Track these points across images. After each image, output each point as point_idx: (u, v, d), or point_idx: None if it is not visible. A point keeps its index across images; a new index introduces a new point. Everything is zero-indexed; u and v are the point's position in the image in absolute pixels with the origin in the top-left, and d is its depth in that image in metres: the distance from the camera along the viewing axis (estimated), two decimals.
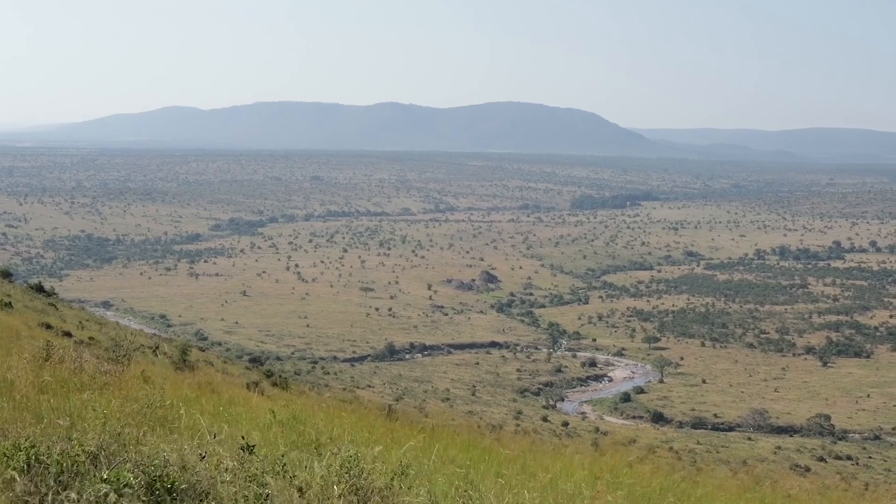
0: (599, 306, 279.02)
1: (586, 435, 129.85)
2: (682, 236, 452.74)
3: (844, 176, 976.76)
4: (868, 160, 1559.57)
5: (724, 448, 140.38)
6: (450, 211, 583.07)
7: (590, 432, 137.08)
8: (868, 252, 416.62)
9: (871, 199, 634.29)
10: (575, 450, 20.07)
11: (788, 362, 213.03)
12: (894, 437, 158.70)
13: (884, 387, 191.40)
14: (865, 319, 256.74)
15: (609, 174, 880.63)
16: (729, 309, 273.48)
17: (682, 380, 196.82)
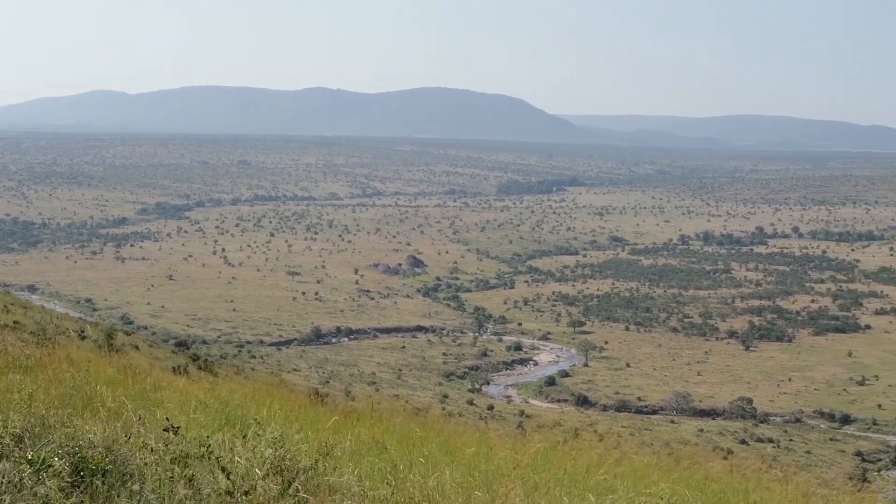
0: (525, 291, 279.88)
1: (511, 418, 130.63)
2: (607, 221, 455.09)
3: (767, 162, 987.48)
4: (791, 147, 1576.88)
5: (647, 431, 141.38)
6: (377, 196, 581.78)
7: (515, 415, 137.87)
8: (790, 238, 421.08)
9: (793, 186, 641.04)
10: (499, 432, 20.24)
11: (711, 346, 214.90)
12: (815, 421, 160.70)
13: (805, 370, 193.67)
14: (787, 304, 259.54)
15: (535, 160, 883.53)
16: (653, 293, 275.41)
17: (607, 363, 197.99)
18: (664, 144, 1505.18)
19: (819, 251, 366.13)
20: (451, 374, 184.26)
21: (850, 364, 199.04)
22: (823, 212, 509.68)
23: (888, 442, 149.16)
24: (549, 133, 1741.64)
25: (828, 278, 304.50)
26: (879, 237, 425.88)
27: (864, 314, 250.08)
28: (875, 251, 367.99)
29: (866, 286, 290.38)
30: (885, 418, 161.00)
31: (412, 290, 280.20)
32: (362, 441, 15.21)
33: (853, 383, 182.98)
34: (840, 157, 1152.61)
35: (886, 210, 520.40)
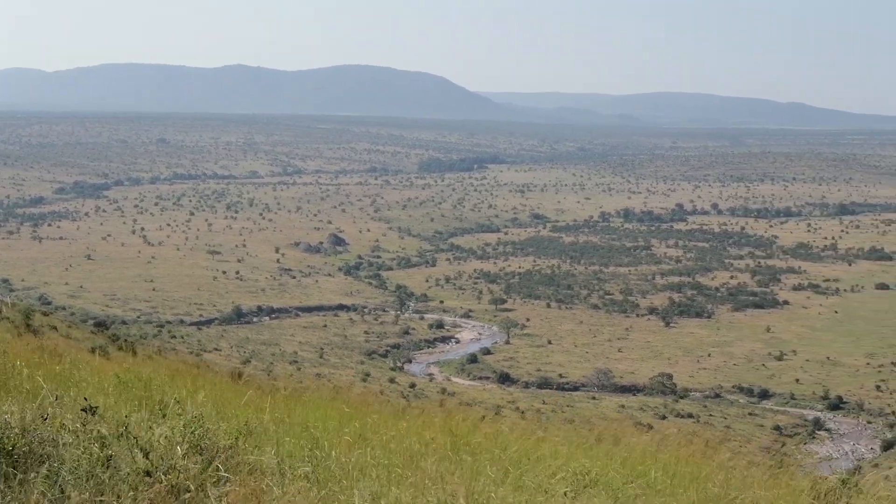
0: (447, 268, 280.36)
1: (433, 396, 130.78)
2: (528, 199, 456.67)
3: (687, 140, 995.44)
4: (710, 124, 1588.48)
5: (569, 407, 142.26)
6: (298, 174, 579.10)
7: (437, 393, 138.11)
8: (710, 214, 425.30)
9: (712, 163, 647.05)
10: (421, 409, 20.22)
11: (632, 323, 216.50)
12: (734, 395, 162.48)
13: (724, 346, 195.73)
14: (707, 280, 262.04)
15: (457, 137, 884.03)
16: (574, 271, 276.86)
17: (528, 341, 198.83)
18: (585, 122, 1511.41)
19: (738, 228, 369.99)
20: (373, 353, 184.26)
21: (768, 339, 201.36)
22: (742, 188, 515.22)
23: (805, 416, 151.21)
24: (470, 110, 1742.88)
25: (746, 254, 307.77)
26: (797, 213, 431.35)
27: (782, 290, 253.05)
28: (793, 227, 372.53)
29: (784, 262, 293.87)
30: (802, 393, 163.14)
31: (333, 268, 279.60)
32: (283, 420, 15.13)
33: (771, 358, 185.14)
34: (758, 134, 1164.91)
35: (804, 186, 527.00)
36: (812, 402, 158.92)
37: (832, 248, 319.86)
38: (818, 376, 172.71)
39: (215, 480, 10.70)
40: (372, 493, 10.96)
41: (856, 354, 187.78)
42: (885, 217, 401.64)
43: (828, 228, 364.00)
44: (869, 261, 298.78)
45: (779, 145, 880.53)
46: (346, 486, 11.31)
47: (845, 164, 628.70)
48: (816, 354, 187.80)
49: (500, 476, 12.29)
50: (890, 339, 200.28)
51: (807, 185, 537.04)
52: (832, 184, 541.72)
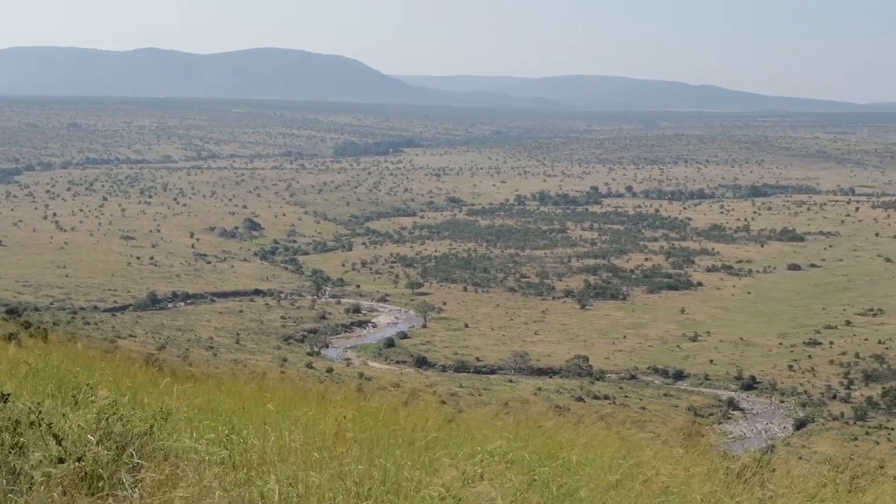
0: (363, 252, 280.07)
1: (351, 380, 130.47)
2: (444, 182, 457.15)
3: (602, 122, 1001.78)
4: (624, 107, 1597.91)
5: (486, 391, 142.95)
6: (212, 158, 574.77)
7: (354, 378, 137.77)
8: (624, 197, 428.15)
9: (627, 145, 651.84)
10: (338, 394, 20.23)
11: (548, 305, 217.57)
12: (649, 377, 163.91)
13: (639, 328, 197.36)
14: (622, 263, 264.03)
15: (372, 121, 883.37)
16: (490, 254, 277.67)
17: (445, 324, 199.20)
18: (500, 105, 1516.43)
19: (652, 210, 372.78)
20: (290, 338, 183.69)
21: (682, 321, 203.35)
22: (656, 171, 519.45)
23: (720, 396, 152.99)
24: (386, 94, 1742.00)
25: (661, 236, 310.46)
26: (710, 195, 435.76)
27: (696, 271, 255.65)
28: (706, 209, 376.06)
29: (698, 244, 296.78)
30: (716, 373, 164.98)
31: (249, 253, 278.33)
32: (199, 406, 15.07)
33: (686, 339, 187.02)
34: (672, 116, 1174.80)
35: (717, 169, 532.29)
36: (726, 383, 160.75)
37: (745, 230, 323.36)
38: (732, 357, 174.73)
39: (130, 467, 10.62)
40: (289, 478, 10.95)
41: (768, 335, 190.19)
42: (797, 198, 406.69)
43: (740, 210, 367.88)
44: (781, 242, 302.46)
45: (692, 128, 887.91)
46: (263, 470, 11.28)
47: (757, 147, 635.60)
48: (730, 335, 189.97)
49: (417, 458, 12.32)
50: (801, 319, 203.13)
51: (720, 167, 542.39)
52: (745, 166, 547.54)
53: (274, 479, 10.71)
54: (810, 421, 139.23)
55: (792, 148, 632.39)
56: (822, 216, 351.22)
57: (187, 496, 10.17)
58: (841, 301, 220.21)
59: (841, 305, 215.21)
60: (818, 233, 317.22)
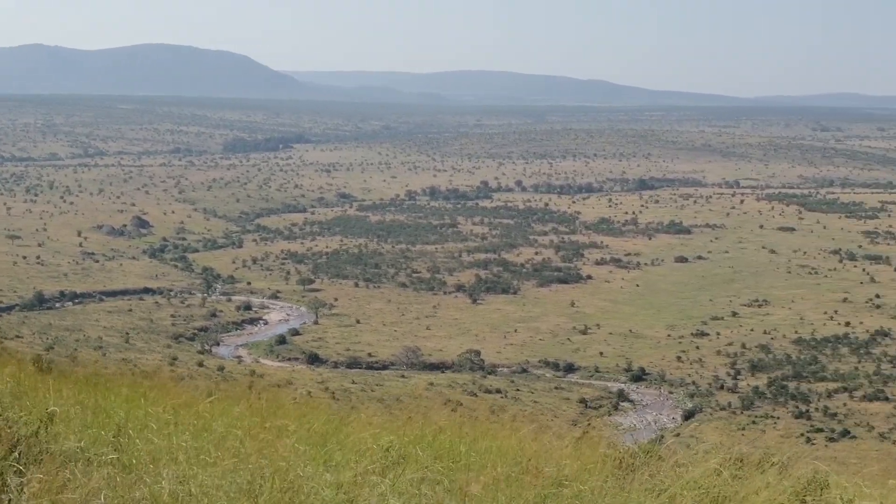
0: (254, 249, 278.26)
1: (242, 378, 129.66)
2: (334, 178, 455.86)
3: (491, 117, 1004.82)
4: (513, 102, 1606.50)
5: (378, 386, 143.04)
6: (99, 156, 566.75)
7: (246, 375, 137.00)
8: (514, 191, 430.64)
9: (516, 140, 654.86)
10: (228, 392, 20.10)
11: (440, 300, 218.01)
12: (541, 370, 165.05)
13: (530, 321, 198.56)
14: (512, 257, 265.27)
15: (261, 117, 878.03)
16: (381, 249, 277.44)
17: (337, 321, 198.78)
18: (389, 100, 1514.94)
19: (542, 204, 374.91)
20: (181, 336, 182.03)
21: (572, 314, 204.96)
22: (545, 165, 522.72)
23: (610, 388, 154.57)
24: (274, 90, 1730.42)
25: (550, 230, 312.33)
26: (598, 189, 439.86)
27: (585, 265, 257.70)
28: (595, 203, 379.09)
29: (587, 237, 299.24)
30: (606, 365, 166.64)
31: (138, 251, 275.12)
32: (88, 406, 14.90)
33: (576, 332, 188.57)
34: (560, 111, 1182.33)
35: (605, 162, 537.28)
36: (616, 375, 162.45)
37: (633, 223, 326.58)
38: (621, 349, 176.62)
39: (16, 470, 10.48)
40: (178, 477, 10.87)
41: (657, 326, 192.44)
42: (683, 191, 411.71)
43: (628, 203, 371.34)
44: (668, 234, 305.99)
45: (580, 122, 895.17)
46: (152, 470, 11.19)
47: (644, 140, 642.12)
48: (619, 327, 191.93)
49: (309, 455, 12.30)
50: (689, 310, 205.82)
51: (607, 160, 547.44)
52: (632, 159, 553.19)
53: (164, 478, 10.63)
54: (699, 411, 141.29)
55: (678, 142, 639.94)
56: (707, 209, 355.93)
57: (75, 498, 10.06)
58: (727, 292, 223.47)
59: (727, 297, 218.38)
60: (704, 225, 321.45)
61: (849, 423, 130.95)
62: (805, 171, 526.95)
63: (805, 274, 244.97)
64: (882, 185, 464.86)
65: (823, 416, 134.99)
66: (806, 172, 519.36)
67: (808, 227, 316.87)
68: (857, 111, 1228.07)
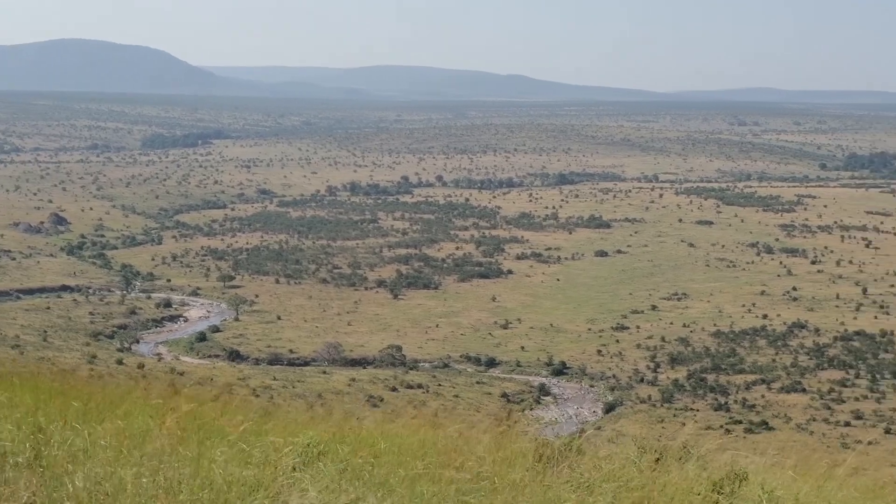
0: (173, 246, 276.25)
1: (163, 376, 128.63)
2: (254, 174, 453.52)
3: (411, 112, 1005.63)
4: (433, 97, 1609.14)
5: (300, 382, 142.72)
6: (15, 152, 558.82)
7: (166, 373, 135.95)
8: (435, 186, 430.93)
9: (436, 135, 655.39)
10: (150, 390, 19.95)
11: (361, 296, 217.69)
12: (462, 365, 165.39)
13: (451, 316, 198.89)
14: (433, 252, 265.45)
15: (180, 112, 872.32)
16: (302, 245, 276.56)
17: (258, 317, 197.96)
18: (309, 96, 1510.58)
19: (462, 199, 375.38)
20: (100, 334, 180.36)
21: (494, 308, 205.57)
22: (465, 160, 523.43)
23: (531, 382, 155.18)
24: (193, 85, 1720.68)
25: (471, 225, 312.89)
26: (519, 184, 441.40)
27: (506, 259, 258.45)
28: (515, 197, 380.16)
29: (507, 232, 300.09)
30: (527, 359, 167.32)
31: (56, 248, 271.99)
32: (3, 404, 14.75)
33: (497, 327, 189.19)
34: (480, 106, 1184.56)
35: (525, 157, 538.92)
36: (537, 369, 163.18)
37: (553, 218, 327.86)
38: (542, 343, 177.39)
39: None
40: (97, 476, 10.79)
41: (577, 321, 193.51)
42: (603, 186, 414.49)
43: (548, 198, 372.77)
44: (588, 229, 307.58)
45: (500, 117, 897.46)
46: (70, 470, 11.10)
47: (564, 135, 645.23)
48: (540, 322, 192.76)
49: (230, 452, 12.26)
50: (609, 304, 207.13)
51: (528, 155, 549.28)
52: (552, 154, 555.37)
53: (81, 477, 10.55)
54: (619, 404, 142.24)
55: (597, 136, 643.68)
56: (627, 203, 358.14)
57: None
58: (646, 286, 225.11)
59: (647, 290, 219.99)
60: (624, 219, 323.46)
61: (767, 415, 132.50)
62: (723, 165, 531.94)
63: (723, 267, 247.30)
64: (798, 178, 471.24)
65: (742, 408, 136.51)
66: (724, 166, 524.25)
67: (726, 220, 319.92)
68: (774, 106, 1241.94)
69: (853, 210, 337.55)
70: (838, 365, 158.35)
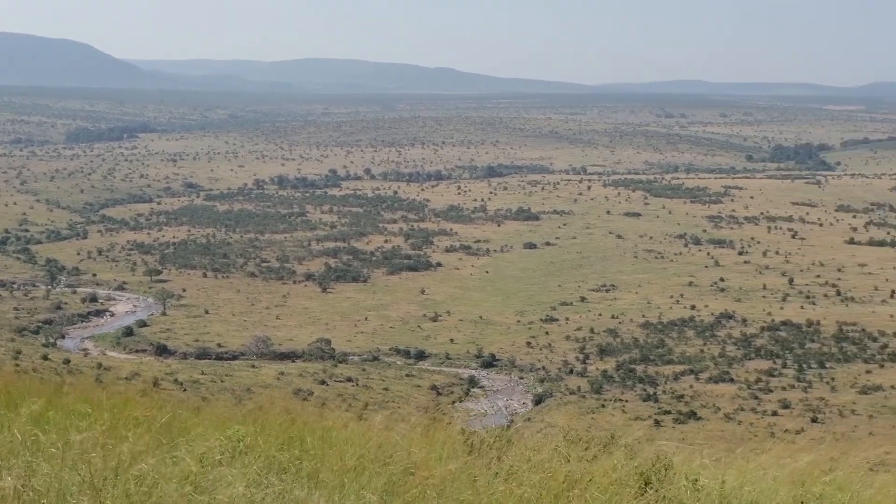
0: (99, 240, 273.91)
1: (89, 371, 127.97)
2: (181, 168, 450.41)
3: (339, 105, 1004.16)
4: (361, 90, 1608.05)
5: (228, 377, 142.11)
6: None
7: (93, 368, 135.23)
8: (363, 179, 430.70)
9: (364, 128, 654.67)
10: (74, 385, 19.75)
11: (290, 289, 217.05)
12: (392, 358, 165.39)
13: (380, 309, 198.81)
14: (362, 245, 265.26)
15: (105, 106, 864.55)
16: (230, 239, 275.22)
17: (185, 311, 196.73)
18: (236, 89, 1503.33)
19: (391, 192, 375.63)
20: (24, 330, 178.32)
21: (423, 301, 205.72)
22: (394, 153, 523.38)
23: (461, 374, 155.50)
24: (118, 79, 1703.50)
25: (400, 218, 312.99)
26: (447, 176, 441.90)
27: (435, 252, 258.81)
28: (444, 190, 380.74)
29: (436, 224, 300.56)
30: (456, 352, 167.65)
31: None
32: None
33: (426, 320, 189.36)
34: (408, 99, 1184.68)
35: (453, 150, 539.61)
36: (467, 361, 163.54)
37: (482, 210, 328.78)
38: (472, 335, 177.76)
39: None
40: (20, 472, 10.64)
41: (506, 312, 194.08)
42: (531, 178, 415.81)
43: (477, 190, 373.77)
44: (517, 221, 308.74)
45: (428, 110, 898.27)
46: None
47: (492, 128, 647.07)
48: (469, 314, 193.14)
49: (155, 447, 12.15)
50: (538, 296, 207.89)
51: (456, 148, 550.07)
52: (480, 147, 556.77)
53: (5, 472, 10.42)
54: (548, 396, 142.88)
55: (525, 129, 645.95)
56: (555, 195, 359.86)
57: None
58: (575, 278, 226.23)
59: (575, 282, 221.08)
60: (552, 211, 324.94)
61: (695, 405, 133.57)
62: (650, 156, 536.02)
63: (651, 259, 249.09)
64: (725, 170, 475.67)
65: (671, 399, 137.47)
66: (651, 158, 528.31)
67: (654, 212, 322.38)
68: (700, 98, 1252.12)
69: (779, 201, 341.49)
70: (765, 355, 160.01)
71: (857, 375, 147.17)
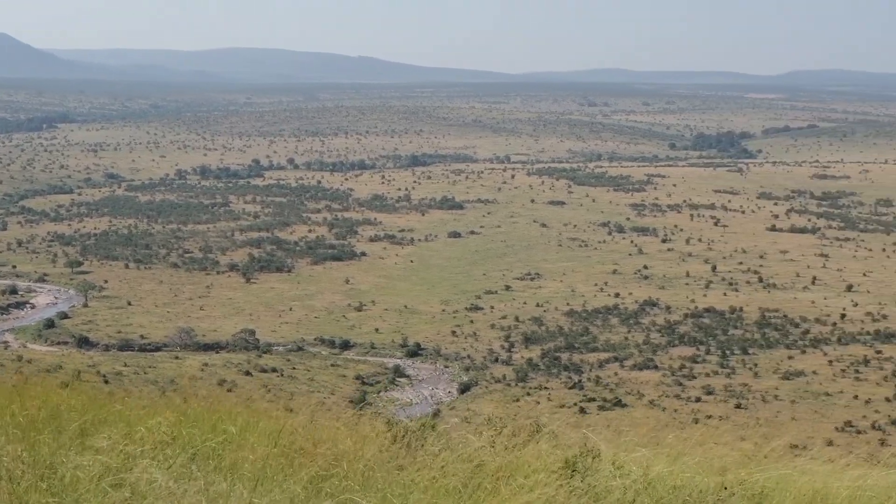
0: (18, 232, 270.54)
1: (10, 364, 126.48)
2: (102, 158, 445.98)
3: (261, 95, 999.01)
4: (283, 79, 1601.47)
5: (151, 369, 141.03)
6: None
7: (13, 361, 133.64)
8: (287, 169, 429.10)
9: (287, 118, 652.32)
10: None
11: (213, 280, 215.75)
12: (317, 348, 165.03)
13: (305, 299, 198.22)
14: (286, 235, 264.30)
15: (23, 96, 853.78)
16: (152, 230, 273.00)
17: (108, 303, 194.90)
18: (157, 79, 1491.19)
19: (314, 181, 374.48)
20: None
21: (347, 291, 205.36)
22: (317, 143, 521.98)
23: (386, 364, 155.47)
24: (37, 68, 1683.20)
25: (324, 208, 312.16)
26: (371, 166, 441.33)
27: (359, 241, 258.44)
28: (367, 180, 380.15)
29: (360, 214, 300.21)
30: (381, 341, 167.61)
31: None
32: None
33: (351, 309, 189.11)
34: (331, 88, 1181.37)
35: (377, 139, 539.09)
36: (392, 350, 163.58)
37: (406, 199, 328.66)
38: (397, 325, 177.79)
39: None
40: None
41: (431, 302, 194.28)
42: (455, 167, 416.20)
43: (401, 180, 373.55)
44: (441, 210, 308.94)
45: (351, 99, 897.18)
46: None
47: (416, 117, 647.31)
48: (394, 303, 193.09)
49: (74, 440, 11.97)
50: (462, 285, 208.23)
51: (379, 137, 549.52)
52: (404, 136, 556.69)
53: None
54: (474, 384, 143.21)
55: (449, 118, 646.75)
56: (479, 184, 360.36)
57: None
58: (500, 266, 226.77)
59: (500, 271, 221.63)
60: (476, 200, 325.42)
61: (620, 392, 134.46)
62: (574, 145, 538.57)
63: (575, 247, 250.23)
64: (648, 158, 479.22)
65: (596, 386, 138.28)
66: (575, 147, 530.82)
67: (578, 200, 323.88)
68: (623, 86, 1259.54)
69: (702, 189, 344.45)
70: (689, 342, 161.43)
71: (780, 361, 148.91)
